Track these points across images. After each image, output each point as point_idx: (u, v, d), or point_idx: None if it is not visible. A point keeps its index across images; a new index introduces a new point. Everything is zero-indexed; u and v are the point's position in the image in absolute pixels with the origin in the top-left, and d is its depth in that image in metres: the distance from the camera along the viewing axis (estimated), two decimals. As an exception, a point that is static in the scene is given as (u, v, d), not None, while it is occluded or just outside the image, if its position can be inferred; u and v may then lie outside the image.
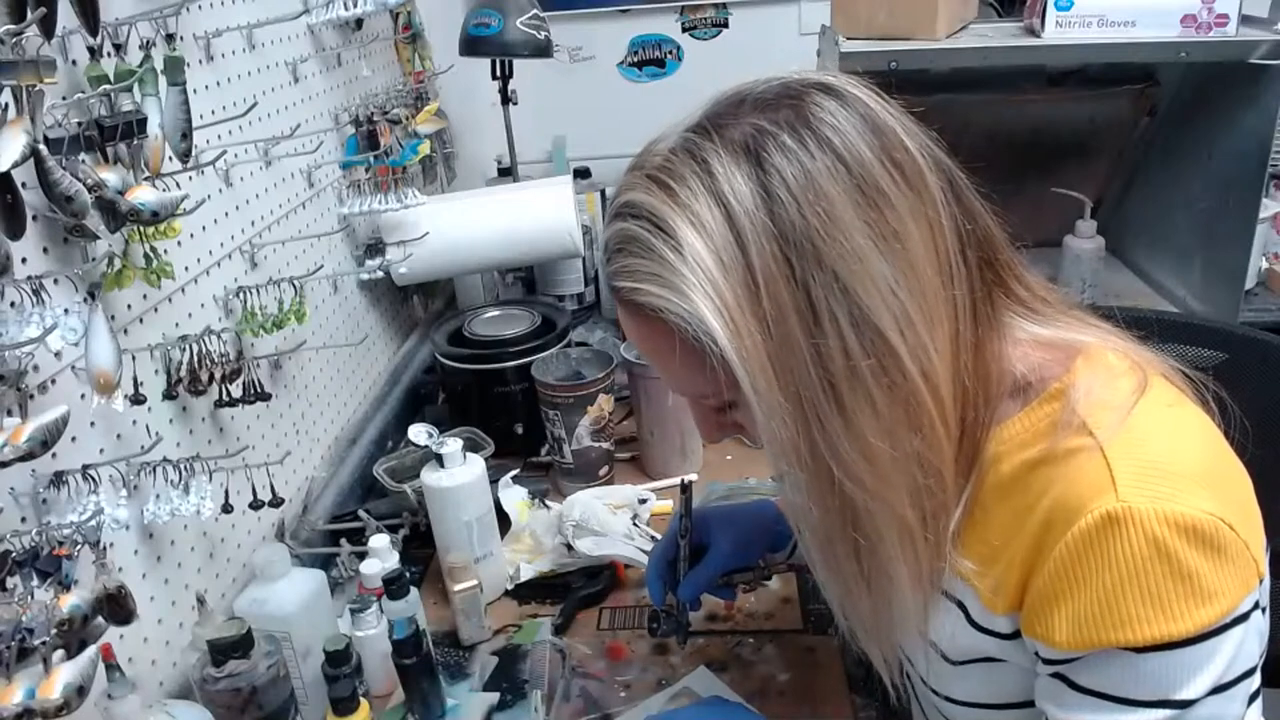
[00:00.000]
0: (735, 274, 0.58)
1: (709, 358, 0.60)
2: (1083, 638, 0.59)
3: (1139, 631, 0.57)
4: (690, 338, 0.60)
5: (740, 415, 0.71)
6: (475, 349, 1.46)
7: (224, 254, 1.09)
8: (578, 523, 1.17)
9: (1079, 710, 0.61)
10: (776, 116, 0.60)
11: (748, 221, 0.58)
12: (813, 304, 0.58)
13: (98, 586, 0.71)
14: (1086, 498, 0.58)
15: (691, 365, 0.62)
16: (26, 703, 0.62)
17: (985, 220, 0.65)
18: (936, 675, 0.75)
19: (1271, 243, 1.74)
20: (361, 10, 1.33)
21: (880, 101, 0.63)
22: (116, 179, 0.79)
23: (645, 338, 0.67)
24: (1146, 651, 0.57)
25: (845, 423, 0.59)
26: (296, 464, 1.25)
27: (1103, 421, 0.61)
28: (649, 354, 0.70)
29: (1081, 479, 0.59)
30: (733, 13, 2.16)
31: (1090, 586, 0.58)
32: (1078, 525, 0.58)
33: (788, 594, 1.13)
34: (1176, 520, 0.56)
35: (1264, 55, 1.37)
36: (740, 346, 0.58)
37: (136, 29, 0.89)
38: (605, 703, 1.00)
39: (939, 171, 0.62)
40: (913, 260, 0.59)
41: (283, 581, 0.97)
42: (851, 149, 0.59)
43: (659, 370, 0.72)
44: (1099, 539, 0.57)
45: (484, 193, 1.81)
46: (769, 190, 0.58)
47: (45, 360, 0.78)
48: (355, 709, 0.88)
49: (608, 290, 0.73)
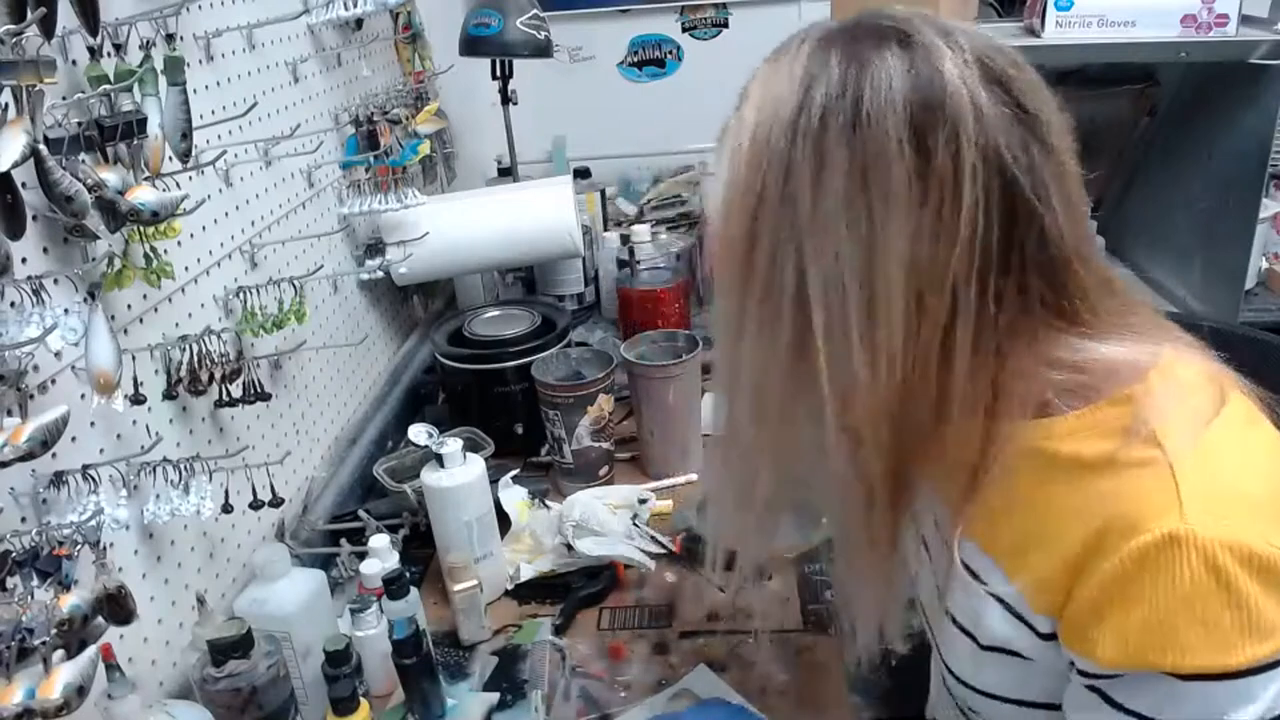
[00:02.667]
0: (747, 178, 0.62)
1: None
2: (1128, 657, 0.57)
3: (1188, 659, 0.55)
4: None
5: None
6: (475, 349, 1.46)
7: (224, 254, 1.09)
8: (578, 523, 1.17)
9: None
10: (852, 49, 0.60)
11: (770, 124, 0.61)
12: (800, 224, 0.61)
13: (98, 586, 0.71)
14: (1149, 514, 0.56)
15: None
16: (26, 703, 0.62)
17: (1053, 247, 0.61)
18: (962, 658, 0.72)
19: (1271, 243, 1.75)
20: (361, 10, 1.33)
21: (978, 84, 0.58)
22: (116, 179, 0.79)
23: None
24: (1193, 680, 0.55)
25: (753, 347, 0.65)
26: (296, 464, 1.25)
27: (1174, 436, 0.59)
28: None
29: (1145, 493, 0.57)
30: (733, 13, 2.17)
31: (1142, 606, 0.56)
32: (1136, 541, 0.56)
33: (788, 594, 1.13)
34: (1241, 550, 0.54)
35: (1264, 55, 1.37)
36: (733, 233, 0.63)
37: (136, 29, 0.89)
38: (605, 703, 1.00)
39: (992, 183, 0.58)
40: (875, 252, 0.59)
41: (283, 581, 0.97)
42: (880, 115, 0.57)
43: None
44: (1157, 559, 0.55)
45: (484, 193, 1.81)
46: (805, 105, 0.59)
47: (45, 360, 0.78)
48: (355, 709, 0.88)
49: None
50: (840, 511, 0.68)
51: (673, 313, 1.68)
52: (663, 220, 2.10)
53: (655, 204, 2.17)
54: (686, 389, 1.34)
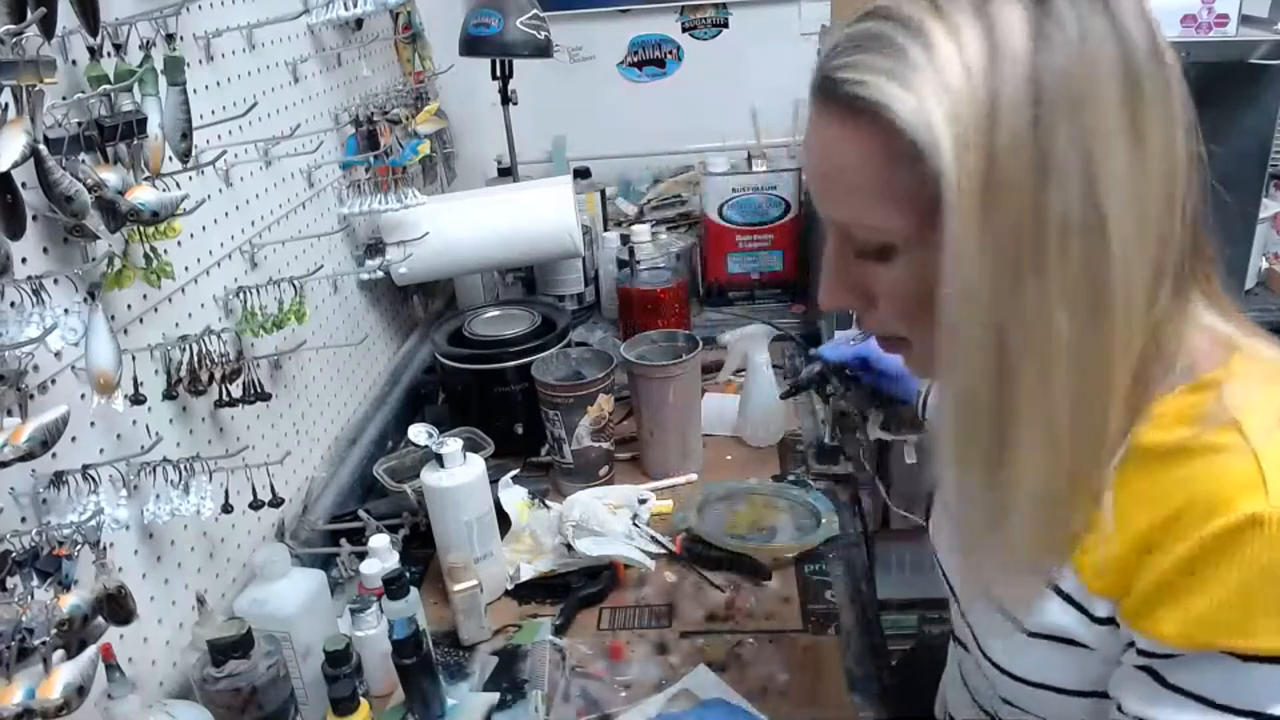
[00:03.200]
0: (979, 95, 0.54)
1: (913, 175, 0.55)
2: (1194, 636, 0.57)
3: (1259, 640, 0.55)
4: (906, 144, 0.55)
5: (889, 271, 0.63)
6: (475, 349, 1.46)
7: (224, 254, 1.09)
8: (578, 523, 1.17)
9: (1161, 706, 0.59)
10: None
11: (1009, 51, 0.54)
12: (1049, 155, 0.54)
13: (98, 586, 0.71)
14: (1232, 495, 0.56)
15: (884, 182, 0.58)
16: (26, 703, 0.62)
17: (1203, 204, 0.60)
18: (1005, 645, 0.71)
19: (1271, 243, 1.75)
20: (361, 10, 1.33)
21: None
22: (116, 179, 0.79)
23: (840, 145, 0.59)
24: (1256, 661, 0.55)
25: (1039, 286, 0.56)
26: (296, 464, 1.25)
27: (1256, 423, 0.58)
28: (831, 169, 0.62)
29: (1228, 476, 0.57)
30: (733, 13, 2.17)
31: (1217, 586, 0.56)
32: (1218, 521, 0.55)
33: (788, 594, 1.13)
34: None
35: (1264, 55, 1.37)
36: (961, 167, 0.54)
37: (136, 29, 0.89)
38: (605, 703, 1.00)
39: (1188, 105, 0.58)
40: (1146, 169, 0.56)
41: (283, 581, 0.97)
42: (1128, 28, 0.56)
43: (831, 189, 0.63)
44: (1238, 539, 0.55)
45: (484, 193, 1.81)
46: (1043, 31, 0.54)
47: (45, 360, 0.78)
48: (355, 709, 0.88)
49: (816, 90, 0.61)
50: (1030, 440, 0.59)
51: (673, 313, 1.69)
52: (663, 220, 2.11)
53: (655, 204, 2.17)
54: (686, 389, 1.34)
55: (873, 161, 0.58)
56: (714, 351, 1.55)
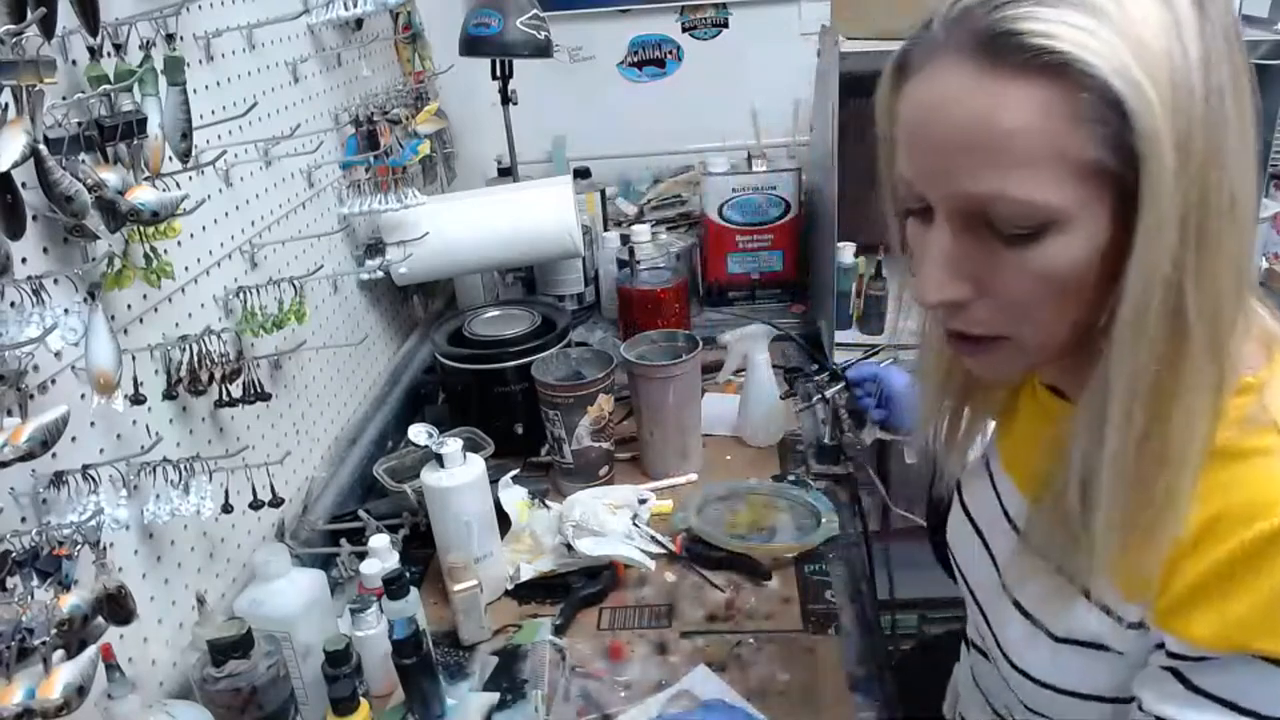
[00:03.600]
0: (1175, 56, 0.51)
1: (1100, 141, 0.52)
2: (1228, 639, 0.56)
3: None
4: (1098, 106, 0.51)
5: (1027, 254, 0.56)
6: (475, 349, 1.46)
7: (224, 254, 1.09)
8: (578, 523, 1.17)
9: (1185, 708, 0.59)
10: None
11: (1186, 15, 0.52)
12: (1224, 125, 0.52)
13: (98, 586, 0.71)
14: (1274, 500, 0.55)
15: (1063, 149, 0.52)
16: (26, 703, 0.62)
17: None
18: (1030, 650, 0.70)
19: (1271, 243, 1.75)
20: (361, 10, 1.33)
21: None
22: (116, 179, 0.79)
23: (1012, 106, 0.53)
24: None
25: (1211, 263, 0.53)
26: (296, 464, 1.25)
27: None
28: (990, 136, 0.54)
29: (1270, 480, 0.56)
30: (733, 13, 2.17)
31: (1255, 590, 0.55)
32: (1259, 526, 0.55)
33: (788, 594, 1.13)
34: None
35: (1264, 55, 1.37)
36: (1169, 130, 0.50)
37: (136, 29, 0.89)
38: (605, 703, 1.00)
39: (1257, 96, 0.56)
40: (1251, 152, 0.54)
41: (283, 581, 0.97)
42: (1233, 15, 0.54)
43: (983, 159, 0.55)
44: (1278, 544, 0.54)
45: (484, 193, 1.81)
46: (1202, 4, 0.53)
47: (45, 360, 0.78)
48: (355, 709, 0.88)
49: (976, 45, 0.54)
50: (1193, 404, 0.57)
51: (673, 313, 1.69)
52: (663, 220, 2.11)
53: (655, 204, 2.17)
54: (686, 389, 1.34)
55: (1054, 125, 0.52)
56: (714, 351, 1.55)
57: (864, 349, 1.49)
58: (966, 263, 0.59)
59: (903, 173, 0.61)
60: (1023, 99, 0.52)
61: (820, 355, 1.66)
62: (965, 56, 0.54)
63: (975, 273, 0.59)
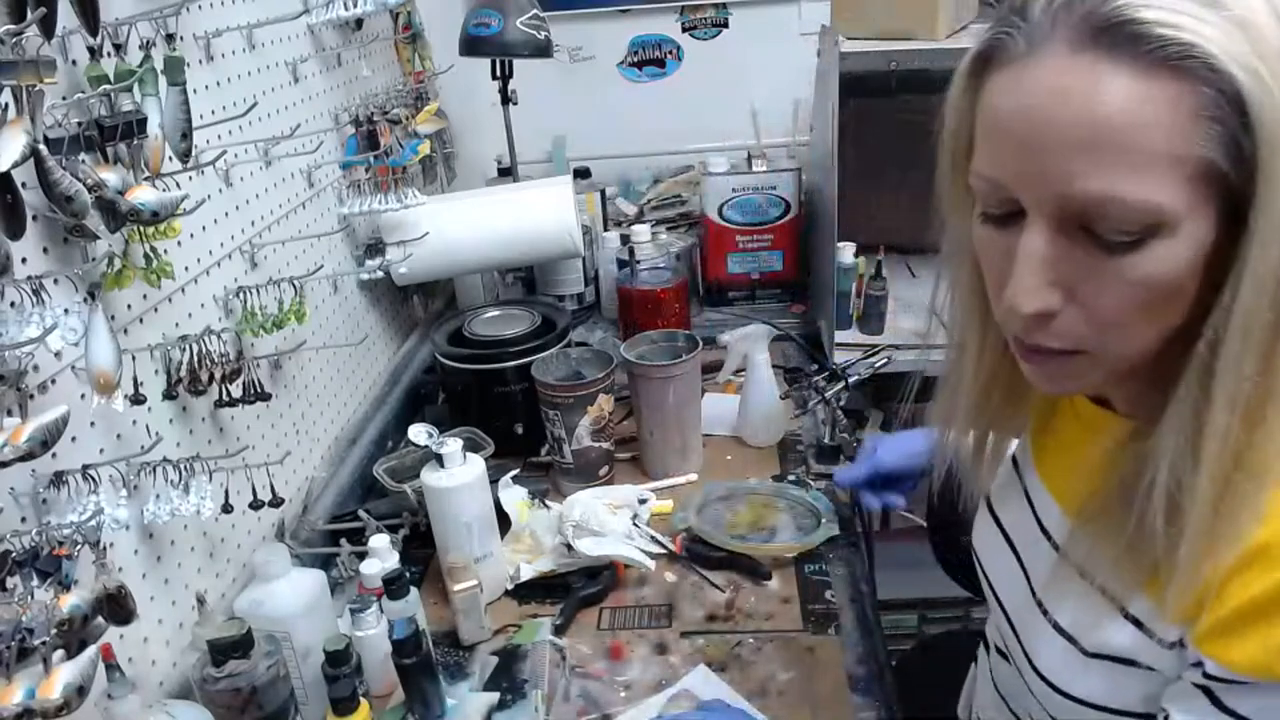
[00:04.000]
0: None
1: (1219, 139, 0.49)
2: (1268, 668, 0.55)
3: None
4: (1222, 103, 0.48)
5: (1128, 260, 0.53)
6: (475, 349, 1.46)
7: (224, 254, 1.09)
8: (578, 523, 1.17)
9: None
10: None
11: None
12: None
13: (98, 586, 0.71)
14: None
15: (1182, 147, 0.50)
16: (26, 703, 0.62)
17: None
18: (1060, 663, 0.69)
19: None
20: (361, 10, 1.33)
21: None
22: (116, 179, 0.79)
23: (1133, 101, 0.49)
24: None
25: None
26: (296, 464, 1.25)
27: None
28: (1107, 132, 0.50)
29: None
30: (733, 13, 2.16)
31: None
32: None
33: (788, 594, 1.13)
34: None
35: None
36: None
37: (136, 29, 0.89)
38: (605, 703, 1.00)
39: None
40: None
41: (283, 581, 0.97)
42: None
43: (1099, 157, 0.51)
44: None
45: (484, 193, 1.81)
46: None
47: (45, 360, 0.78)
48: (355, 709, 0.88)
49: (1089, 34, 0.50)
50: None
51: (673, 313, 1.69)
52: (663, 220, 2.11)
53: (655, 204, 2.17)
54: (686, 389, 1.34)
55: (1177, 122, 0.49)
56: (714, 351, 1.55)
57: (863, 348, 1.49)
58: (1063, 267, 0.55)
59: (986, 172, 0.57)
60: (1145, 94, 0.49)
61: (820, 355, 1.66)
62: (1078, 46, 0.51)
63: (1066, 280, 0.55)
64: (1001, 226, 0.58)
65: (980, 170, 0.57)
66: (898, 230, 1.61)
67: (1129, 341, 0.57)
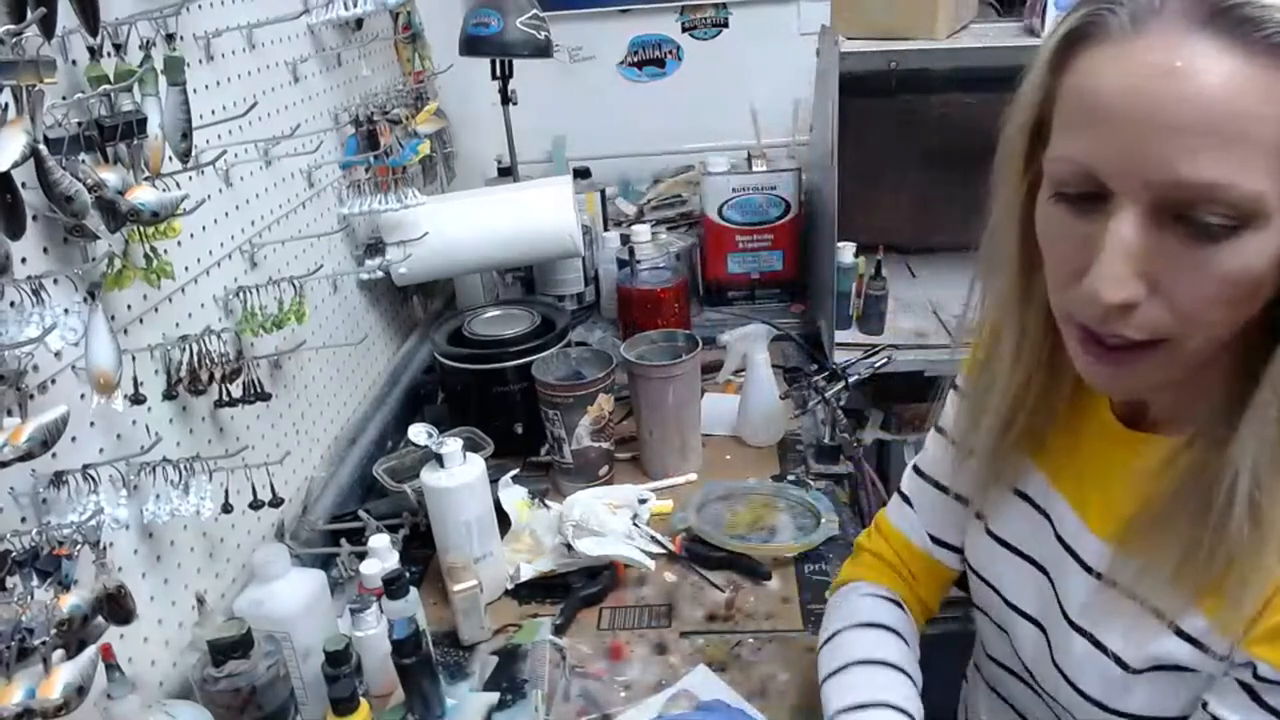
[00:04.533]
0: None
1: None
2: None
3: None
4: None
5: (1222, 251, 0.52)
6: (475, 349, 1.46)
7: (224, 254, 1.09)
8: (578, 523, 1.17)
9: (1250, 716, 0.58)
10: None
11: None
12: None
13: (98, 586, 0.71)
14: None
15: (1271, 138, 0.49)
16: (26, 703, 0.62)
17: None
18: (1100, 677, 0.67)
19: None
20: (361, 10, 1.33)
21: None
22: (116, 179, 0.79)
23: (1253, 87, 0.48)
24: None
25: None
26: (296, 464, 1.25)
27: None
28: (1223, 118, 0.49)
29: None
30: (733, 13, 2.17)
31: None
32: None
33: (787, 594, 1.13)
34: None
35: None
36: None
37: (136, 29, 0.89)
38: (605, 703, 1.00)
39: None
40: None
41: (282, 581, 0.97)
42: None
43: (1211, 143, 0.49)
44: None
45: (484, 193, 1.81)
46: None
47: (45, 360, 0.78)
48: (355, 709, 0.88)
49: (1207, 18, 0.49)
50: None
51: (672, 312, 1.69)
52: (663, 220, 2.11)
53: (655, 204, 2.17)
54: (686, 389, 1.34)
55: (1264, 111, 0.48)
56: (714, 351, 1.55)
57: (863, 348, 1.49)
58: (1154, 257, 0.53)
59: (1073, 154, 0.54)
60: (1259, 80, 0.48)
61: (820, 355, 1.66)
62: (1193, 26, 0.49)
63: (1152, 270, 0.53)
64: (1078, 210, 0.55)
65: (1066, 153, 0.55)
66: (897, 230, 1.61)
67: (1208, 332, 0.55)
